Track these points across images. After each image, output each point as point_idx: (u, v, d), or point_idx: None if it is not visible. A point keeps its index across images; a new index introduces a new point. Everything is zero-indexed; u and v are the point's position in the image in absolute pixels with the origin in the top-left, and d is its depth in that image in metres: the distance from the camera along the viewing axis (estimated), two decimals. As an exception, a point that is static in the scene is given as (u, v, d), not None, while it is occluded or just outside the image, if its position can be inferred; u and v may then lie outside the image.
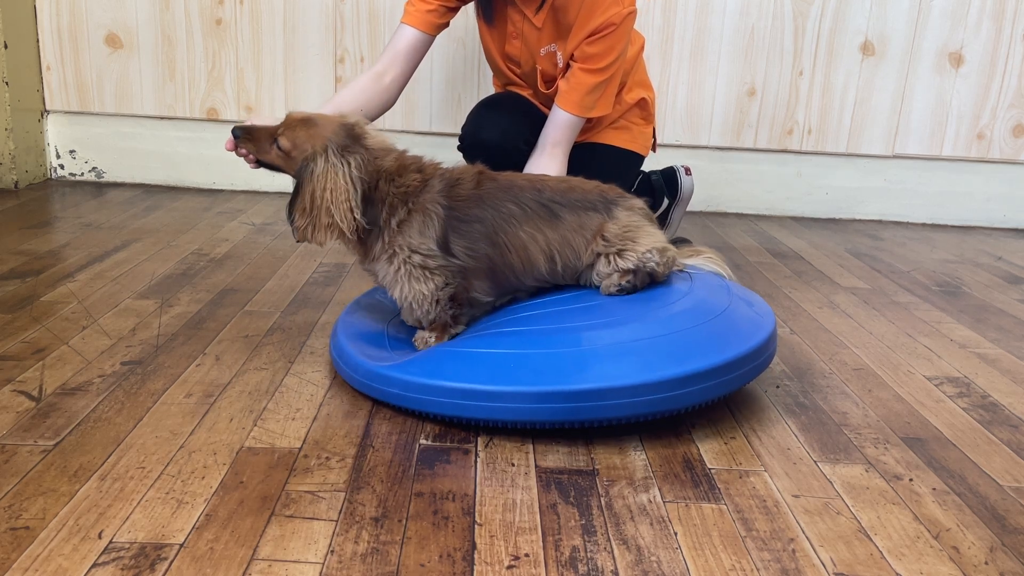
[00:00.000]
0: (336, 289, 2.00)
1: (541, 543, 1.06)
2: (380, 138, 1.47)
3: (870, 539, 1.10)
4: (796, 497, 1.19)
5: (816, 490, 1.21)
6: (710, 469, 1.26)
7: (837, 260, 2.52)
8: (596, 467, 1.25)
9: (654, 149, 2.23)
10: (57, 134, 2.98)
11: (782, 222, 3.01)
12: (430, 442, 1.30)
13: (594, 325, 1.39)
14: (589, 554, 1.04)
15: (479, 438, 1.32)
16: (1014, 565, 1.06)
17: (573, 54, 1.86)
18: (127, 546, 1.01)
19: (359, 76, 1.88)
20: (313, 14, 2.87)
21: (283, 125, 1.44)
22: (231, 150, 1.51)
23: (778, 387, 1.57)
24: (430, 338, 1.48)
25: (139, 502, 1.10)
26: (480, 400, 1.28)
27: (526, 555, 1.03)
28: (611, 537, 1.08)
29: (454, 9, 1.89)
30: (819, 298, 2.13)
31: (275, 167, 1.47)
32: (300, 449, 1.25)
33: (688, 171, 2.36)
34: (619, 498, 1.17)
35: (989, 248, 2.79)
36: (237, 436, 1.28)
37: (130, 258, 2.15)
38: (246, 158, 1.50)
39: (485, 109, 2.00)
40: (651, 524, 1.11)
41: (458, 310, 1.48)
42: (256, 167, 1.50)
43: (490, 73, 2.55)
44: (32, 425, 1.28)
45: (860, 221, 3.09)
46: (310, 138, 1.41)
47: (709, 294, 1.49)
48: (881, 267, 2.47)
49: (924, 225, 3.09)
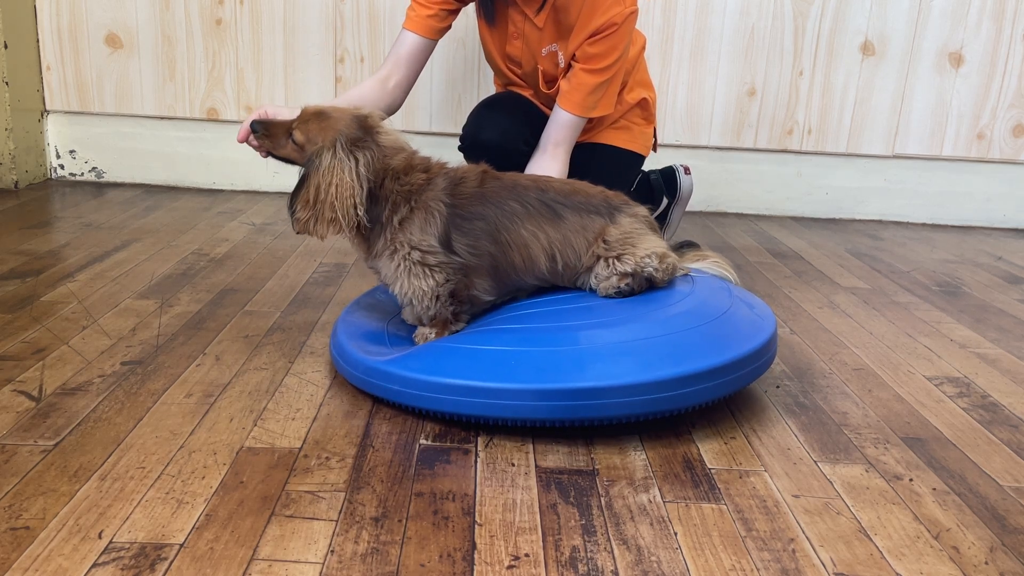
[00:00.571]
0: (336, 289, 2.00)
1: (541, 543, 1.06)
2: (393, 136, 1.47)
3: (870, 539, 1.10)
4: (796, 497, 1.19)
5: (816, 490, 1.21)
6: (710, 469, 1.26)
7: (837, 260, 2.52)
8: (596, 467, 1.25)
9: (655, 149, 2.23)
10: (57, 134, 2.98)
11: (782, 222, 3.01)
12: (430, 442, 1.30)
13: (594, 324, 1.40)
14: (589, 554, 1.04)
15: (479, 438, 1.32)
16: (1014, 565, 1.06)
17: (575, 54, 1.86)
18: (127, 546, 1.01)
19: (364, 81, 1.89)
20: (313, 14, 2.88)
21: (298, 119, 1.45)
22: (243, 140, 1.52)
23: (778, 387, 1.57)
24: (430, 334, 1.49)
25: (139, 502, 1.10)
26: (480, 397, 1.28)
27: (526, 555, 1.03)
28: (611, 537, 1.08)
29: (454, 12, 1.89)
30: (819, 298, 2.13)
31: (290, 161, 1.48)
32: (300, 449, 1.25)
33: (687, 170, 2.36)
34: (619, 498, 1.17)
35: (989, 248, 2.79)
36: (237, 436, 1.28)
37: (130, 258, 2.15)
38: (257, 149, 1.51)
39: (486, 109, 2.00)
40: (651, 524, 1.11)
41: (459, 307, 1.48)
42: (265, 156, 1.51)
43: (490, 73, 2.55)
44: (32, 425, 1.28)
45: (860, 221, 3.09)
46: (321, 131, 1.41)
47: (710, 296, 1.49)
48: (881, 267, 2.47)
49: (924, 225, 3.10)
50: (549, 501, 1.15)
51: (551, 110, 1.96)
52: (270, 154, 1.50)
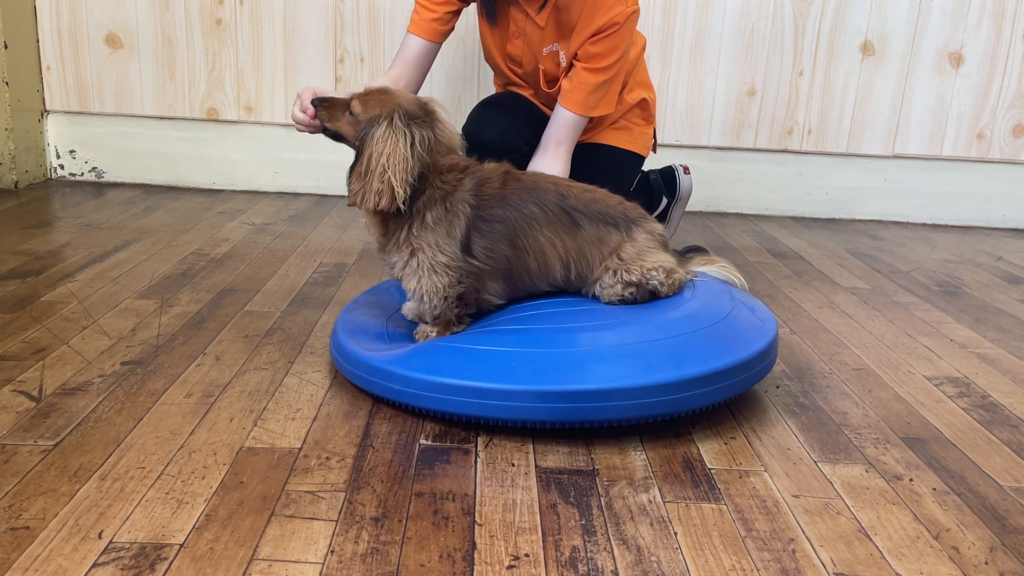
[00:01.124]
0: (336, 289, 2.00)
1: (541, 543, 1.06)
2: (449, 132, 1.46)
3: (870, 539, 1.10)
4: (796, 497, 1.19)
5: (816, 490, 1.21)
6: (710, 469, 1.26)
7: (837, 260, 2.52)
8: (596, 467, 1.25)
9: (654, 150, 2.23)
10: (57, 134, 2.98)
11: (782, 222, 3.01)
12: (430, 442, 1.30)
13: (596, 326, 1.40)
14: (589, 554, 1.04)
15: (479, 438, 1.32)
16: (1014, 565, 1.06)
17: (576, 53, 1.86)
18: (127, 546, 1.01)
19: (377, 79, 1.92)
20: (313, 14, 2.88)
21: (360, 92, 1.45)
22: (310, 117, 1.53)
23: (778, 387, 1.57)
24: (431, 332, 1.49)
25: (139, 502, 1.10)
26: (480, 397, 1.28)
27: (526, 555, 1.03)
28: (611, 537, 1.08)
29: (458, 13, 1.90)
30: (819, 298, 2.13)
31: (340, 136, 1.48)
32: (300, 449, 1.25)
33: (687, 170, 2.36)
34: (619, 498, 1.17)
35: (989, 248, 2.79)
36: (237, 436, 1.28)
37: (130, 258, 2.15)
38: (307, 127, 1.56)
39: (485, 109, 2.00)
40: (651, 524, 1.11)
41: (463, 309, 1.48)
42: (313, 132, 1.56)
43: (490, 73, 2.55)
44: (32, 425, 1.28)
45: (860, 221, 3.09)
46: (381, 103, 1.41)
47: (711, 299, 1.49)
48: (881, 267, 2.47)
49: (924, 225, 3.10)
50: (549, 501, 1.15)
51: (551, 110, 1.96)
52: (324, 131, 1.50)
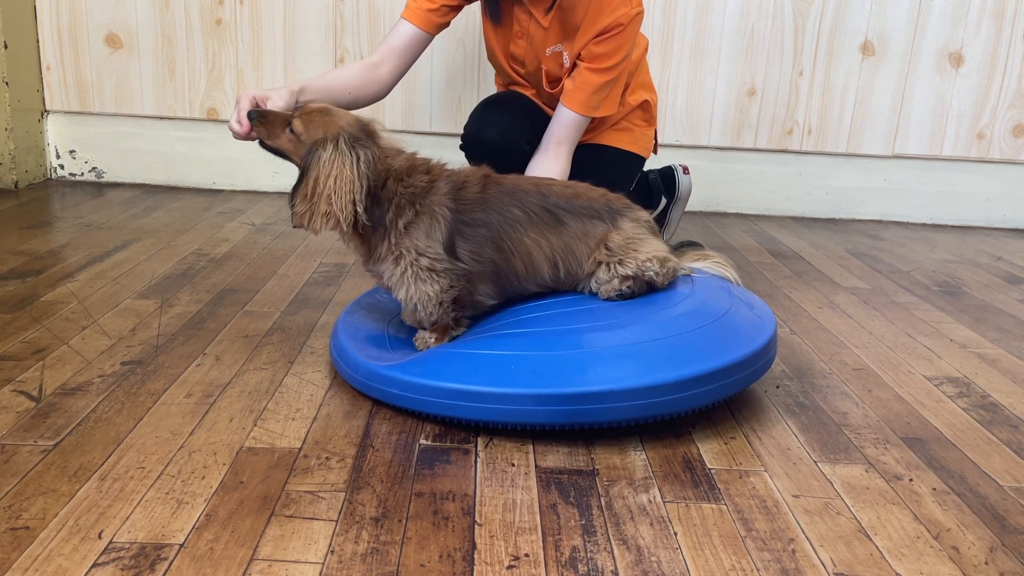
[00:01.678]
0: (336, 289, 2.00)
1: (541, 543, 1.06)
2: (392, 139, 1.48)
3: (870, 539, 1.10)
4: (796, 497, 1.19)
5: (816, 490, 1.21)
6: (710, 469, 1.26)
7: (837, 260, 2.52)
8: (596, 467, 1.25)
9: (655, 151, 2.23)
10: (57, 134, 2.98)
11: (782, 222, 3.01)
12: (430, 442, 1.30)
13: (595, 327, 1.39)
14: (589, 554, 1.04)
15: (479, 438, 1.32)
16: (1014, 565, 1.06)
17: (580, 53, 1.86)
18: (127, 546, 1.01)
19: (350, 63, 1.85)
20: (313, 14, 2.88)
21: (300, 110, 1.44)
22: (245, 133, 1.50)
23: (778, 387, 1.57)
24: (430, 339, 1.48)
25: (139, 502, 1.10)
26: (479, 401, 1.28)
27: (526, 555, 1.03)
28: (611, 537, 1.08)
29: (457, 9, 1.89)
30: (819, 298, 2.13)
31: (282, 153, 1.47)
32: (300, 449, 1.25)
33: (686, 170, 2.36)
34: (619, 498, 1.17)
35: (989, 248, 2.79)
36: (237, 436, 1.28)
37: (130, 258, 2.15)
38: (246, 138, 1.51)
39: (487, 109, 2.00)
40: (651, 524, 1.11)
41: (460, 313, 1.48)
42: (252, 141, 1.51)
43: (491, 73, 2.55)
44: (32, 425, 1.28)
45: (860, 221, 3.09)
46: (324, 124, 1.41)
47: (710, 297, 1.48)
48: (881, 267, 2.47)
49: (924, 225, 3.10)
50: (549, 501, 1.15)
51: (553, 110, 1.96)
52: (262, 144, 1.49)
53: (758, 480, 1.23)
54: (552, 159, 1.87)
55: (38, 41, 2.88)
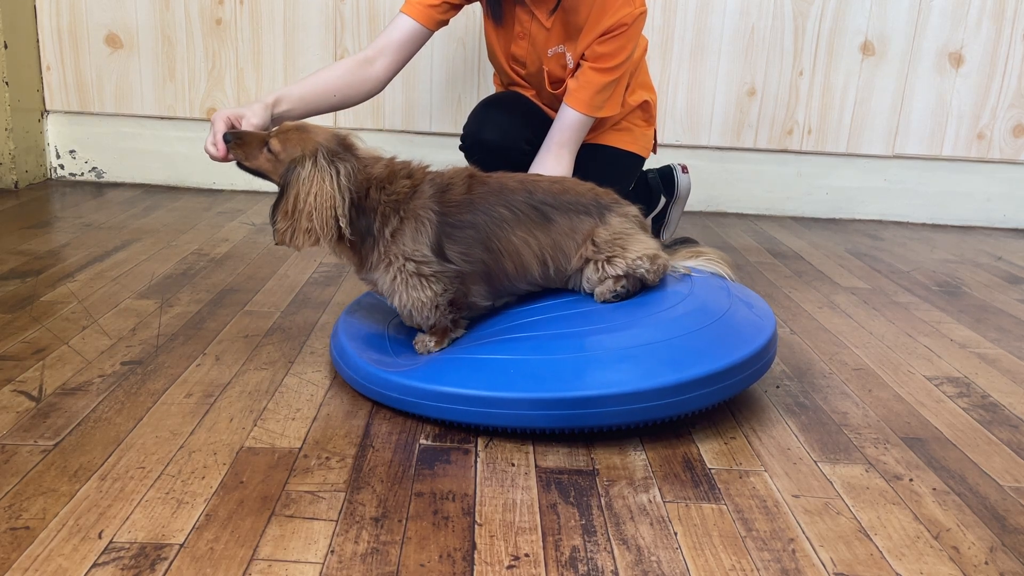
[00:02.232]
0: (336, 289, 2.00)
1: (541, 543, 1.06)
2: (369, 149, 1.47)
3: (870, 539, 1.10)
4: (796, 497, 1.19)
5: (816, 490, 1.21)
6: (710, 469, 1.26)
7: (837, 260, 2.52)
8: (596, 467, 1.25)
9: (655, 151, 2.23)
10: (57, 134, 2.98)
11: (782, 222, 3.01)
12: (430, 442, 1.30)
13: (594, 330, 1.39)
14: (589, 554, 1.04)
15: (479, 438, 1.32)
16: (1014, 565, 1.06)
17: (583, 54, 1.86)
18: (127, 546, 1.01)
19: (342, 59, 1.82)
20: (313, 14, 2.88)
21: (277, 130, 1.44)
22: (222, 156, 1.49)
23: (778, 387, 1.57)
24: (430, 342, 1.48)
25: (139, 502, 1.10)
26: (479, 406, 1.28)
27: (526, 555, 1.03)
28: (611, 537, 1.08)
29: (457, 7, 1.88)
30: (819, 298, 2.13)
31: (261, 173, 1.46)
32: (300, 449, 1.25)
33: (685, 169, 2.36)
34: (619, 498, 1.17)
35: (989, 248, 2.79)
36: (237, 436, 1.28)
37: (130, 258, 2.15)
38: (224, 160, 1.50)
39: (487, 108, 2.00)
40: (651, 524, 1.11)
41: (457, 314, 1.48)
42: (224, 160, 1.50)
43: (490, 73, 2.55)
44: (32, 425, 1.28)
45: (860, 221, 3.09)
46: (301, 141, 1.40)
47: (708, 297, 1.48)
48: (881, 267, 2.47)
49: (924, 225, 3.10)
50: (549, 501, 1.15)
51: (554, 111, 1.95)
52: (240, 165, 1.48)
53: (758, 480, 1.23)
54: (555, 161, 1.87)
55: (38, 41, 2.88)
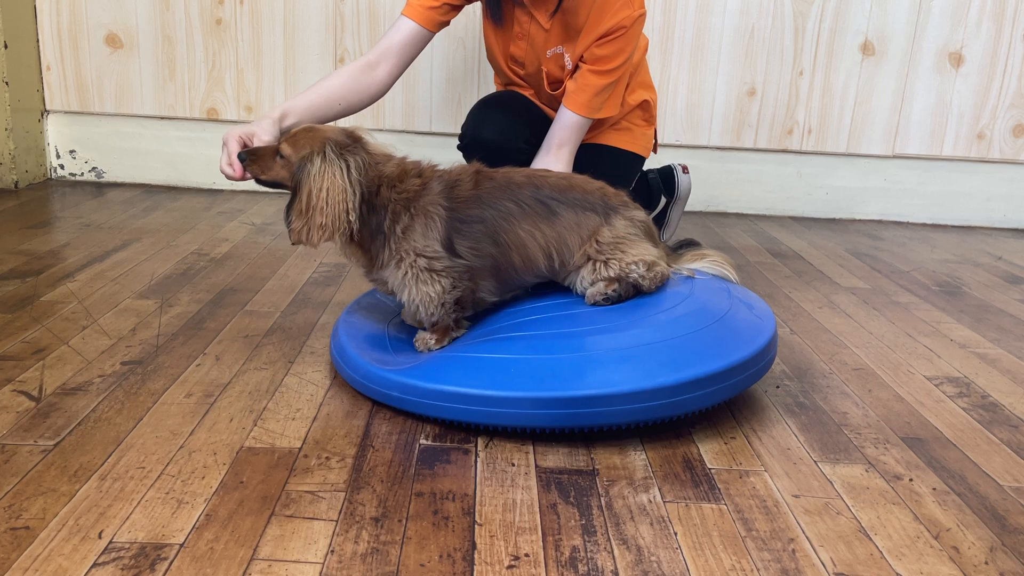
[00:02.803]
0: (336, 289, 2.00)
1: (541, 543, 1.06)
2: (379, 145, 1.47)
3: (870, 539, 1.10)
4: (796, 497, 1.19)
5: (816, 490, 1.21)
6: (710, 469, 1.26)
7: (837, 260, 2.52)
8: (596, 467, 1.25)
9: (655, 150, 2.23)
10: (57, 134, 2.98)
11: (782, 222, 3.01)
12: (430, 442, 1.30)
13: (594, 330, 1.39)
14: (589, 554, 1.04)
15: (479, 438, 1.32)
16: (1014, 565, 1.06)
17: (582, 56, 1.86)
18: (127, 546, 1.01)
19: (346, 65, 1.82)
20: (313, 14, 2.88)
21: (285, 136, 1.45)
22: (239, 176, 1.49)
23: (778, 387, 1.57)
24: (431, 339, 1.48)
25: (139, 502, 1.10)
26: (478, 405, 1.28)
27: (526, 555, 1.03)
28: (611, 537, 1.08)
29: (458, 8, 1.88)
30: (819, 298, 2.13)
31: (280, 183, 1.46)
32: (300, 449, 1.25)
33: (685, 169, 2.36)
34: (619, 498, 1.17)
35: (989, 248, 2.79)
36: (237, 436, 1.28)
37: (130, 258, 2.15)
38: (241, 179, 1.50)
39: (485, 108, 2.00)
40: (651, 524, 1.11)
41: (461, 313, 1.48)
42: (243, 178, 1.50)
43: (490, 73, 2.55)
44: (32, 425, 1.28)
45: (860, 221, 3.09)
46: (310, 140, 1.41)
47: (709, 298, 1.48)
48: (881, 267, 2.47)
49: (924, 225, 3.10)
50: (549, 501, 1.15)
51: (553, 111, 1.95)
52: (259, 181, 1.47)
53: (758, 480, 1.23)
54: (554, 162, 1.87)
55: (38, 41, 2.88)
